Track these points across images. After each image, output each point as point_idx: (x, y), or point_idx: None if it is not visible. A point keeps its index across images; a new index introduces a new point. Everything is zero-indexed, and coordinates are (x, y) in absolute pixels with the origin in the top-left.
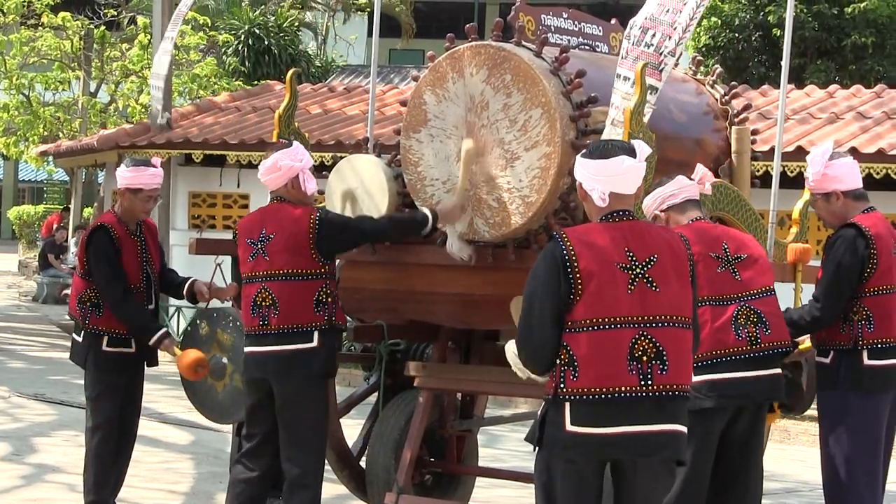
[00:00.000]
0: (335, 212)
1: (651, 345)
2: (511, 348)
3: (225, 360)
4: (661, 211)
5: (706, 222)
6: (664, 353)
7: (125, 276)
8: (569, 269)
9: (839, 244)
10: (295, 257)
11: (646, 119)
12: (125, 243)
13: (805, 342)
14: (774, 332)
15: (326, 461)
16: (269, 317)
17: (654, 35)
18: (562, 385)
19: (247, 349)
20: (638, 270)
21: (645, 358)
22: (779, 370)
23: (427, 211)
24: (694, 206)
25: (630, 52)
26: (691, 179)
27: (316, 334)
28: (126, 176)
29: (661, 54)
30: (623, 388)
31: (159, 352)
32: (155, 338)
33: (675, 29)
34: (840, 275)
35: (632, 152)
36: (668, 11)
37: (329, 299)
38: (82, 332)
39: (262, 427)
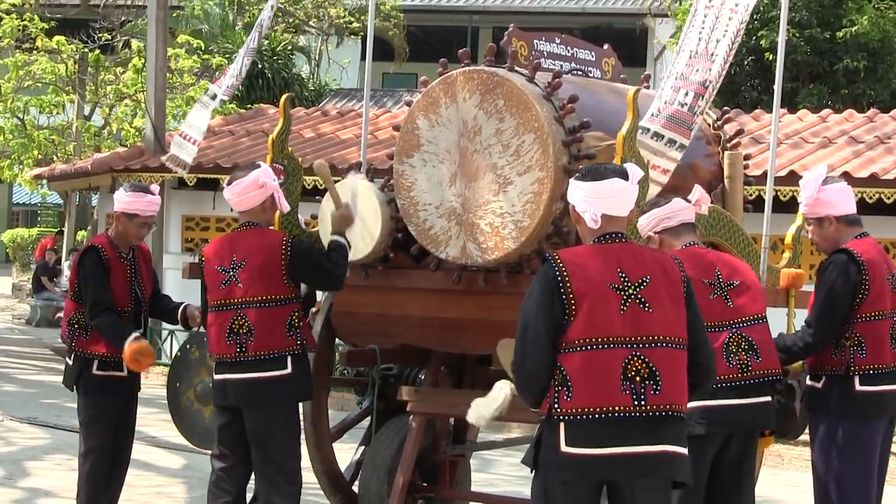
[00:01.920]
0: (307, 241)
1: (644, 365)
2: (504, 385)
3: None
4: (656, 233)
5: (700, 247)
6: (657, 373)
7: (111, 295)
8: (562, 290)
9: (831, 269)
10: (269, 284)
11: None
12: (115, 266)
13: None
14: (765, 359)
15: (319, 485)
16: (247, 344)
17: (686, 94)
18: (556, 405)
19: (218, 376)
20: (631, 291)
21: (638, 378)
22: (769, 398)
23: (340, 239)
24: (689, 230)
25: (662, 110)
26: (688, 201)
27: (289, 360)
28: (124, 200)
29: (693, 114)
30: (616, 408)
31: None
32: (128, 340)
33: (706, 88)
34: (832, 300)
35: (624, 175)
36: (697, 71)
37: (300, 322)
38: (73, 356)
39: (234, 448)
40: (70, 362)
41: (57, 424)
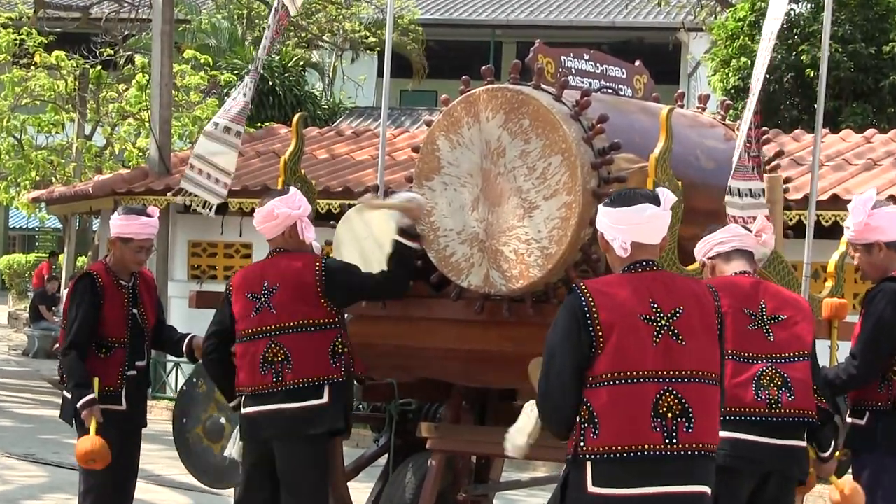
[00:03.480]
0: (340, 261)
1: (676, 401)
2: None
3: (223, 419)
4: (708, 258)
5: (748, 276)
6: (690, 409)
7: (91, 329)
8: (588, 322)
9: (880, 298)
10: (305, 307)
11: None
12: (110, 294)
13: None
14: (799, 399)
15: None
16: (283, 373)
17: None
18: (582, 444)
19: (249, 409)
20: (663, 322)
21: (670, 415)
22: (801, 442)
23: (400, 240)
24: (742, 257)
25: (743, 162)
26: (747, 230)
27: (326, 389)
28: (117, 224)
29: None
30: (646, 447)
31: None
32: (80, 403)
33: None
34: (880, 331)
35: (655, 200)
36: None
37: (345, 349)
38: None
39: (261, 491)
40: (68, 395)
41: (55, 462)
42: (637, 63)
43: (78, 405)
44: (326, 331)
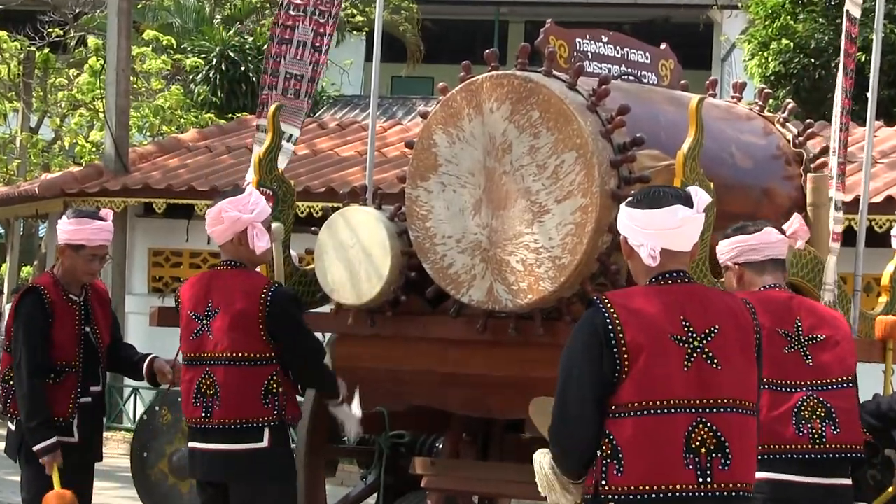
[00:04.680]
0: (292, 292)
1: (711, 434)
2: (540, 459)
3: None
4: (736, 264)
5: (781, 290)
6: (726, 444)
7: (44, 355)
8: (613, 342)
9: None
10: (243, 338)
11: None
12: (60, 311)
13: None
14: (845, 431)
15: None
16: (212, 407)
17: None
18: (603, 482)
19: (190, 444)
20: (696, 344)
21: (704, 450)
22: (847, 480)
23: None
24: (775, 268)
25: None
26: (782, 232)
27: (266, 432)
28: (66, 229)
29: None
30: (677, 486)
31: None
32: (40, 445)
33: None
34: None
35: (688, 201)
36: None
37: (279, 389)
38: (13, 419)
39: None
40: (12, 427)
41: None
42: (663, 46)
43: (37, 448)
44: (262, 367)
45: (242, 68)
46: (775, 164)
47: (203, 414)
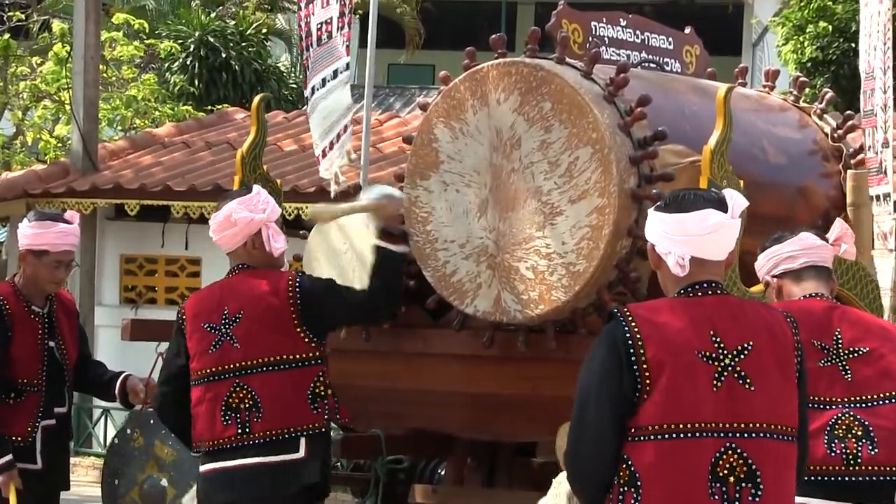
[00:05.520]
0: (317, 278)
1: (741, 461)
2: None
3: (164, 481)
4: (774, 276)
5: (823, 300)
6: (758, 473)
7: (1, 370)
8: (633, 358)
9: None
10: (277, 339)
11: None
12: (21, 324)
13: None
14: (884, 452)
15: None
16: (251, 422)
17: (870, 134)
18: None
19: (207, 467)
20: (727, 362)
21: (732, 479)
22: None
23: (381, 244)
24: (818, 276)
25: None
26: (824, 239)
27: (303, 441)
28: (27, 234)
29: (876, 153)
30: None
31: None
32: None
33: (875, 116)
34: None
35: (721, 205)
36: (869, 96)
37: (328, 391)
38: None
39: None
40: None
41: None
42: (687, 30)
43: None
44: (306, 368)
45: (224, 55)
46: (812, 161)
47: (239, 431)
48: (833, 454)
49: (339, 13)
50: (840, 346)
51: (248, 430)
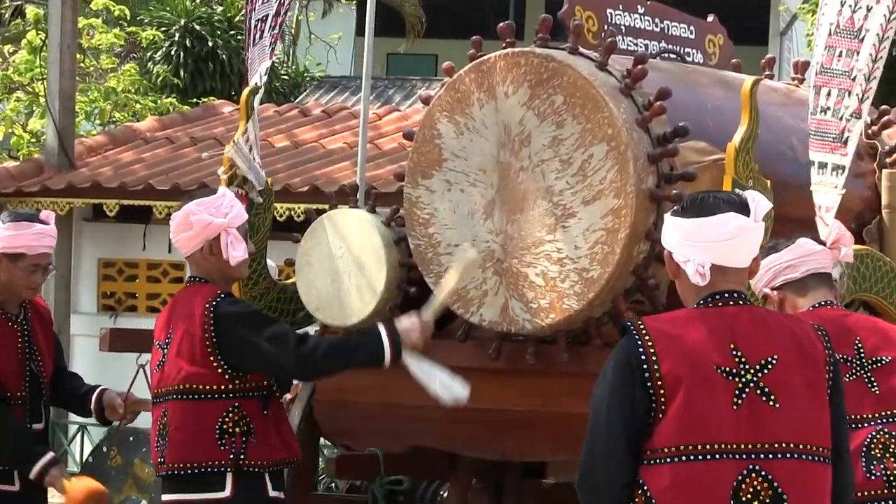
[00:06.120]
0: (241, 305)
1: (765, 485)
2: None
3: (145, 503)
4: (773, 289)
5: (834, 308)
6: (784, 497)
7: None
8: (646, 375)
9: None
10: (191, 366)
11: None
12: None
13: None
14: None
15: None
16: (165, 452)
17: (828, 94)
18: None
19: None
20: (748, 377)
21: (756, 503)
22: None
23: (382, 331)
24: (820, 283)
25: (810, 125)
26: (821, 243)
27: (229, 478)
28: (1, 236)
29: (841, 119)
30: None
31: (48, 489)
32: (37, 467)
33: (853, 79)
34: None
35: (743, 208)
36: (840, 56)
37: (236, 429)
38: None
39: None
40: None
41: None
42: (710, 18)
43: (34, 473)
44: (215, 401)
45: (210, 44)
46: None
47: (160, 460)
48: (873, 477)
49: (275, 11)
50: (862, 356)
51: (163, 460)
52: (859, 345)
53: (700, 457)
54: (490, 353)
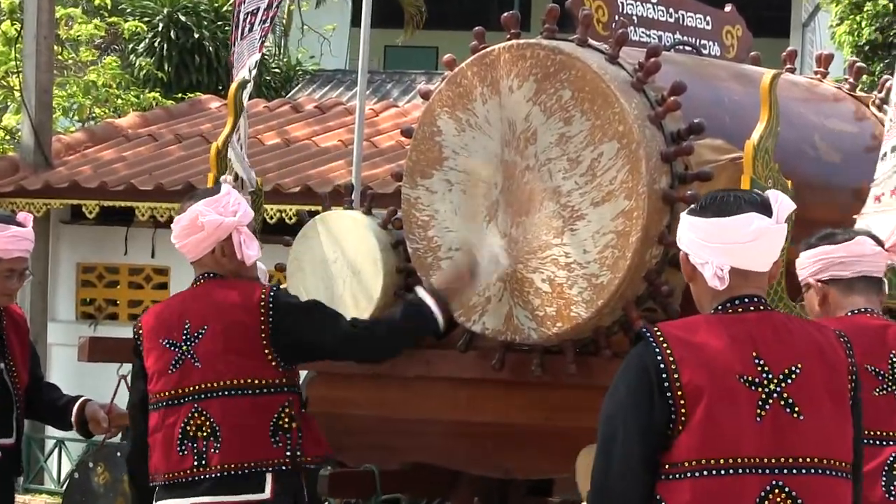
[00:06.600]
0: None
1: (789, 502)
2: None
3: None
4: (820, 281)
5: (874, 317)
6: None
7: None
8: (666, 384)
9: None
10: (242, 361)
11: None
12: None
13: None
14: None
15: None
16: (209, 453)
17: None
18: None
19: (163, 502)
20: (772, 387)
21: None
22: None
23: (427, 299)
24: (868, 288)
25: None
26: (879, 244)
27: (269, 479)
28: None
29: None
30: None
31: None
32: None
33: None
34: None
35: (765, 209)
36: None
37: (293, 424)
38: None
39: None
40: None
41: None
42: (728, 8)
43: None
44: (270, 395)
45: (196, 35)
46: (870, 158)
47: (196, 462)
48: (893, 498)
49: (266, 4)
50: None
51: (204, 462)
52: (894, 359)
53: (723, 471)
54: (493, 364)
